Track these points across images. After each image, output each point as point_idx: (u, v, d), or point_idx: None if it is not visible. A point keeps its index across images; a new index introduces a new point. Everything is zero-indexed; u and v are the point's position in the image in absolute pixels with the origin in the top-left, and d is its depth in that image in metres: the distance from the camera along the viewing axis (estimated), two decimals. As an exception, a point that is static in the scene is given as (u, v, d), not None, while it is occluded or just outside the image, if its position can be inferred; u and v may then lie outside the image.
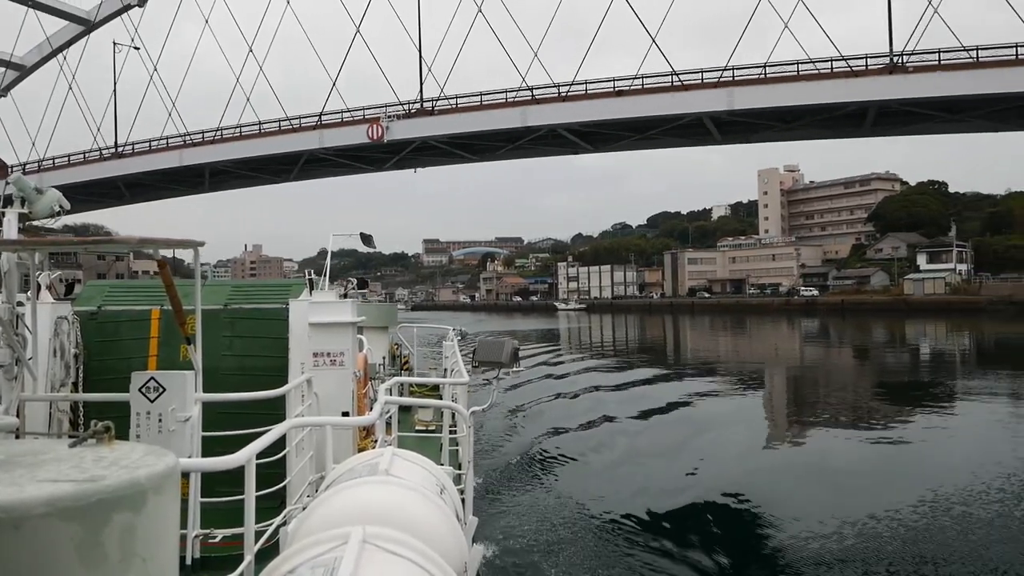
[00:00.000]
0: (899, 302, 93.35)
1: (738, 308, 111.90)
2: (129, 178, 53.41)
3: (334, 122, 45.69)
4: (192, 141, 49.55)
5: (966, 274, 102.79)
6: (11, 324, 5.11)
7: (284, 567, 2.80)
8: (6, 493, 1.70)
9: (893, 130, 38.51)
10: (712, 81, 37.87)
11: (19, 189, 5.19)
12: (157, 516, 1.90)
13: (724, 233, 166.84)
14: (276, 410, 6.44)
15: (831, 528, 11.07)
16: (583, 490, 13.23)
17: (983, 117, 35.48)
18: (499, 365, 7.81)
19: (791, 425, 21.38)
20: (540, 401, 23.30)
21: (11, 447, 2.17)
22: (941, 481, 13.41)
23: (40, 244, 5.54)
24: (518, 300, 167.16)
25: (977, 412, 21.60)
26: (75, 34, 62.55)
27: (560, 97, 40.55)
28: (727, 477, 13.98)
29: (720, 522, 11.78)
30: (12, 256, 5.30)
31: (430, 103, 43.86)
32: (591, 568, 9.75)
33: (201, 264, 5.46)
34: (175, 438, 5.05)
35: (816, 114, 37.66)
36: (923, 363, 38.52)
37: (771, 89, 37.09)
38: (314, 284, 8.03)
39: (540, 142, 44.94)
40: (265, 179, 53.55)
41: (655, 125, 41.05)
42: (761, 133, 42.25)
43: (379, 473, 3.76)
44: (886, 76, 34.86)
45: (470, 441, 7.25)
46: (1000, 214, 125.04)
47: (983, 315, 78.64)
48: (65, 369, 6.73)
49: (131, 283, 10.42)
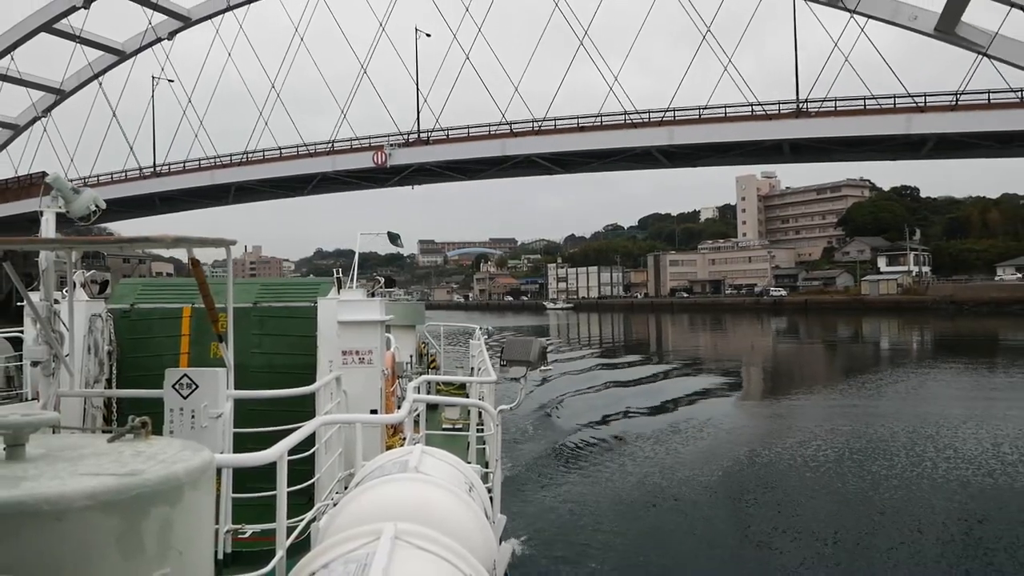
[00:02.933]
0: (856, 301, 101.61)
1: (714, 307, 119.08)
2: (164, 193, 61.57)
3: (344, 149, 54.02)
4: (221, 163, 57.80)
5: (924, 276, 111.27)
6: (49, 321, 5.11)
7: (317, 562, 2.85)
8: (49, 486, 1.75)
9: (804, 159, 47.07)
10: (656, 120, 46.31)
11: (57, 188, 5.18)
12: (193, 510, 1.97)
13: (710, 235, 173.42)
14: (305, 407, 6.40)
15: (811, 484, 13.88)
16: (601, 481, 14.14)
17: (871, 150, 44.03)
18: (527, 364, 7.76)
19: (772, 404, 24.88)
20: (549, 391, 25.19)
21: (52, 441, 2.25)
22: (890, 448, 16.43)
23: (78, 243, 5.56)
24: (509, 300, 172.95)
25: (914, 396, 25.61)
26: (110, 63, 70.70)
27: (534, 131, 49.01)
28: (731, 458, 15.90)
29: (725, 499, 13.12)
30: (50, 255, 5.30)
31: (426, 134, 52.24)
32: (615, 564, 10.01)
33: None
34: (207, 434, 5.08)
35: (742, 147, 46.14)
36: (880, 354, 45.61)
37: (706, 127, 45.59)
38: (342, 283, 7.95)
39: (519, 166, 53.30)
40: (283, 194, 61.88)
41: (613, 154, 49.53)
42: (703, 159, 50.74)
43: (409, 470, 3.81)
44: (793, 119, 43.35)
45: (498, 439, 7.24)
46: (959, 219, 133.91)
47: (928, 313, 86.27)
48: (99, 366, 6.80)
49: (163, 281, 10.60)
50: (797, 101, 43.62)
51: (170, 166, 60.58)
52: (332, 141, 54.61)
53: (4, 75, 66.90)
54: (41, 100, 72.44)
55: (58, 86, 72.06)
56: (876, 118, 41.08)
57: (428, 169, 53.73)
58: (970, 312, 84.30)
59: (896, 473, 14.52)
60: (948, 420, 19.89)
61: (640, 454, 16.55)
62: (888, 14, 45.22)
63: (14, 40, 64.57)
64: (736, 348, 52.17)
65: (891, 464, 15.24)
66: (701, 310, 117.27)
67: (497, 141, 49.64)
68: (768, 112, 43.94)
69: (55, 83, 71.85)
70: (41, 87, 70.97)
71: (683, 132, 45.51)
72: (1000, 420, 19.97)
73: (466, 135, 51.01)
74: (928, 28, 44.45)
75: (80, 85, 71.99)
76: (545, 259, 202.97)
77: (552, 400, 23.49)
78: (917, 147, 44.87)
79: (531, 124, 49.10)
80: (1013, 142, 42.58)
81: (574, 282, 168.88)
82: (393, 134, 52.84)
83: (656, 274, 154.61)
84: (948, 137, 41.97)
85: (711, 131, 44.72)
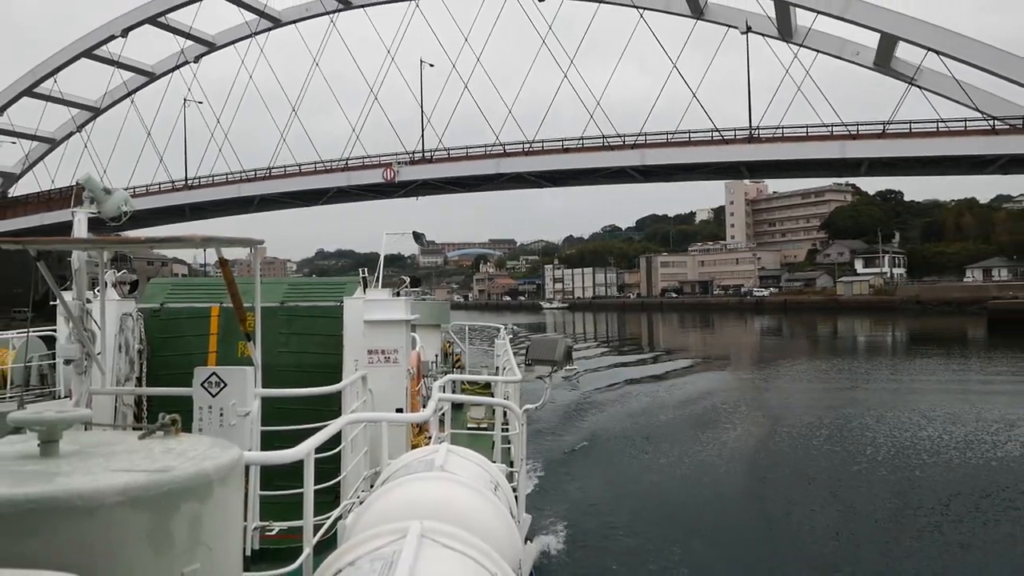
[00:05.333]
0: (831, 301, 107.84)
1: (701, 307, 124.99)
2: (194, 204, 68.51)
3: (357, 166, 61.02)
4: (247, 177, 64.82)
5: (894, 278, 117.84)
6: (81, 320, 5.13)
7: (344, 559, 2.89)
8: (82, 482, 1.78)
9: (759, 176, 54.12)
10: (631, 144, 53.32)
11: (89, 189, 5.20)
12: (222, 506, 2.00)
13: (704, 237, 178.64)
14: (331, 406, 6.44)
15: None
16: (615, 475, 14.71)
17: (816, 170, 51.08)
18: (552, 363, 7.79)
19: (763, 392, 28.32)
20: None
21: (84, 438, 2.29)
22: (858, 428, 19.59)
23: (109, 243, 5.67)
24: (507, 300, 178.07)
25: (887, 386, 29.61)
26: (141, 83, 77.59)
27: (524, 152, 56.02)
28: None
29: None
30: (82, 255, 5.34)
31: (430, 153, 59.25)
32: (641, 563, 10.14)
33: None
34: (236, 432, 5.12)
35: (704, 167, 53.17)
36: (854, 348, 51.46)
37: (673, 150, 52.64)
38: (367, 282, 7.93)
39: (513, 181, 60.26)
40: (302, 204, 68.93)
41: (594, 172, 56.53)
42: (673, 177, 57.81)
43: (435, 469, 3.85)
44: (746, 144, 50.34)
45: (523, 439, 7.27)
46: (935, 223, 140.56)
47: (897, 312, 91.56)
48: (130, 364, 6.88)
49: (192, 281, 10.85)
50: (750, 128, 50.59)
51: (200, 179, 67.57)
52: (347, 159, 61.66)
53: (48, 95, 73.90)
54: (78, 115, 79.36)
55: (94, 104, 79.05)
56: (816, 144, 48.16)
57: (431, 183, 60.74)
58: (934, 312, 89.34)
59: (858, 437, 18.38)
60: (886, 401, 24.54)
61: (663, 451, 16.97)
62: (835, 49, 52.32)
63: (58, 64, 71.55)
64: (725, 343, 57.05)
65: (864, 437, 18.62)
66: (689, 309, 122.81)
67: (492, 160, 56.66)
68: (725, 138, 50.94)
69: (91, 101, 78.83)
70: (81, 106, 77.91)
71: (653, 154, 52.52)
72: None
73: (465, 155, 58.06)
74: (868, 62, 51.66)
75: (113, 102, 78.87)
76: (543, 260, 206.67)
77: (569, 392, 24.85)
78: (855, 167, 52.02)
79: (522, 145, 56.10)
80: (934, 164, 49.66)
81: (570, 283, 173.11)
82: (400, 153, 59.84)
83: (648, 275, 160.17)
84: (879, 160, 49.01)
85: (677, 153, 51.80)
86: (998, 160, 46.79)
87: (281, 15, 68.93)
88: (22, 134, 78.57)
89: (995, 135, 45.16)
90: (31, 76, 72.90)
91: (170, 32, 69.97)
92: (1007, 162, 46.99)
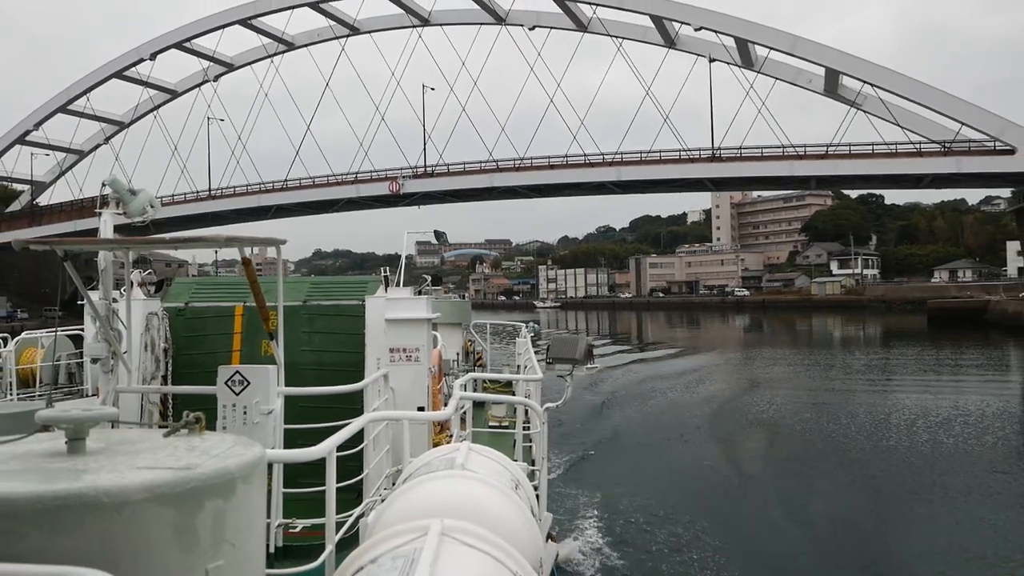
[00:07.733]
0: (806, 301, 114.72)
1: (686, 306, 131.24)
2: (217, 212, 75.41)
3: (366, 179, 68.06)
4: (266, 189, 71.83)
5: (863, 278, 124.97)
6: (108, 320, 5.16)
7: (366, 557, 2.90)
8: (108, 479, 1.80)
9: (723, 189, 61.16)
10: (609, 161, 60.48)
11: (114, 190, 5.22)
12: (246, 504, 2.01)
13: (694, 238, 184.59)
14: (353, 404, 6.48)
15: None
16: (631, 474, 15.04)
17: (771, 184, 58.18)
18: (574, 362, 7.72)
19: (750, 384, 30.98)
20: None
21: (110, 436, 2.30)
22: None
23: (134, 243, 5.66)
24: (503, 299, 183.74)
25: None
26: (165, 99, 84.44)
27: (515, 168, 63.21)
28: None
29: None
30: (108, 255, 5.40)
31: (431, 168, 66.34)
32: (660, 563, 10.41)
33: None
34: (259, 430, 5.13)
35: (673, 182, 60.39)
36: (829, 343, 57.71)
37: (646, 167, 59.86)
38: (389, 281, 8.05)
39: (505, 193, 67.37)
40: (314, 212, 75.98)
41: (578, 185, 63.70)
42: (648, 189, 64.98)
43: (456, 467, 3.86)
44: (709, 162, 57.54)
45: (544, 437, 7.16)
46: (909, 226, 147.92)
47: (865, 311, 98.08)
48: (155, 363, 6.96)
49: (216, 280, 10.67)
50: (712, 148, 57.82)
51: (222, 190, 74.52)
52: (356, 172, 68.75)
53: (81, 112, 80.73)
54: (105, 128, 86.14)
55: (120, 119, 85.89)
56: (769, 163, 55.44)
57: (432, 195, 67.82)
58: (897, 310, 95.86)
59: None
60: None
61: (681, 448, 17.69)
62: (791, 77, 59.53)
63: (91, 84, 78.39)
64: (709, 340, 62.02)
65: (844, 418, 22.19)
66: (674, 308, 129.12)
67: (486, 175, 63.86)
68: (692, 157, 58.10)
69: (119, 116, 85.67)
70: (109, 121, 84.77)
71: (628, 171, 59.84)
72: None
73: (462, 170, 65.22)
74: (820, 88, 58.86)
75: (138, 117, 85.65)
76: (537, 261, 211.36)
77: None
78: (805, 182, 59.29)
79: (513, 161, 63.23)
80: (874, 179, 56.98)
81: (563, 283, 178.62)
82: (405, 167, 66.87)
83: (638, 276, 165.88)
84: (823, 177, 56.27)
85: (649, 171, 59.07)
86: (925, 178, 54.07)
87: (294, 39, 75.85)
88: (55, 147, 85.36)
89: (920, 157, 52.39)
90: (65, 95, 79.73)
91: (194, 56, 76.83)
92: (933, 179, 54.26)
